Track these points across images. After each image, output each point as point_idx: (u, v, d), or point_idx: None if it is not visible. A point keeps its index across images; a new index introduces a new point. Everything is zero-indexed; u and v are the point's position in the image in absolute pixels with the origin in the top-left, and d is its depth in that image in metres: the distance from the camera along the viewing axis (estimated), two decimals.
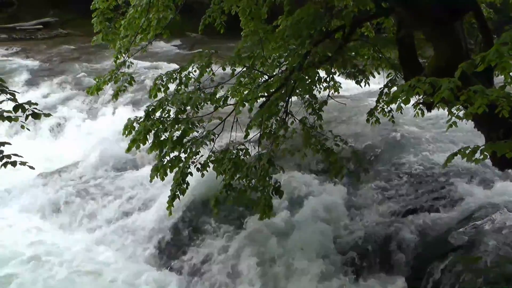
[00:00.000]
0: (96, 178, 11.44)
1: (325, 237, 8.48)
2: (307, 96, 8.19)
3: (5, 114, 5.16)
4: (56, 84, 18.22)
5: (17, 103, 5.11)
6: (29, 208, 11.17)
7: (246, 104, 7.19)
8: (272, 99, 7.48)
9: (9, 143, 5.32)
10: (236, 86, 8.08)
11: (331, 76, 8.76)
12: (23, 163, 5.32)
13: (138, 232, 9.56)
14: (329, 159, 8.02)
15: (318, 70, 8.34)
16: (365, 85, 9.07)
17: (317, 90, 8.45)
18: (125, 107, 15.60)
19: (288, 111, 7.66)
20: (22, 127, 5.37)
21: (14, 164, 5.34)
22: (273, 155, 7.46)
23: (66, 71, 19.25)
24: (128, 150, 7.81)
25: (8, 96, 5.09)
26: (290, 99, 7.69)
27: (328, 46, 8.03)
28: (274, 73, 7.86)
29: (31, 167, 5.32)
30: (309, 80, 7.90)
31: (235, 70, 7.98)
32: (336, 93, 9.14)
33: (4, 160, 5.34)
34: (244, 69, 7.91)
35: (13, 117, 5.18)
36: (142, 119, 7.72)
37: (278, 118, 7.61)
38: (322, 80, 8.50)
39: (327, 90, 8.84)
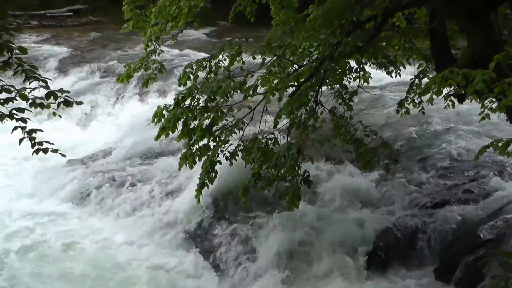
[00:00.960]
0: (125, 166, 11.50)
1: (353, 228, 8.46)
2: (337, 86, 8.13)
3: (38, 101, 5.19)
4: (86, 71, 18.34)
5: (49, 90, 5.12)
6: (59, 195, 11.28)
7: (276, 93, 7.18)
8: (302, 89, 7.44)
9: (41, 130, 5.34)
10: (266, 75, 8.05)
11: (361, 66, 8.68)
12: (54, 151, 5.34)
13: (166, 219, 9.62)
14: (358, 150, 7.96)
15: (349, 60, 8.28)
16: (396, 76, 8.99)
17: (347, 80, 8.39)
18: (154, 95, 15.66)
19: (318, 101, 7.62)
20: (54, 114, 5.38)
21: (45, 151, 5.36)
22: (302, 145, 7.42)
23: (96, 59, 19.37)
24: (157, 138, 7.84)
25: (41, 83, 5.11)
26: (320, 89, 7.65)
27: (359, 36, 7.95)
28: (304, 63, 7.81)
29: (63, 155, 5.34)
30: (340, 70, 7.86)
31: (265, 59, 7.95)
32: (366, 83, 9.08)
33: (36, 147, 5.37)
34: (274, 58, 7.89)
35: (45, 104, 5.20)
36: (171, 107, 7.73)
37: (308, 108, 7.57)
38: (353, 70, 8.42)
39: (357, 80, 8.77)
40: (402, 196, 8.90)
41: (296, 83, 7.61)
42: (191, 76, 8.20)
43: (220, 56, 8.12)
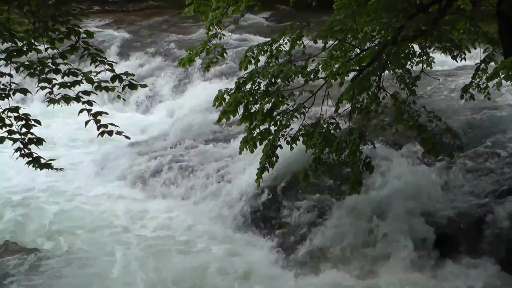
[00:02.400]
0: (185, 149, 11.60)
1: (414, 215, 8.30)
2: (400, 70, 8.00)
3: (103, 84, 5.27)
4: (147, 56, 18.57)
5: (114, 74, 5.20)
6: (119, 177, 11.49)
7: (337, 77, 7.12)
8: (364, 73, 7.36)
9: (106, 113, 5.44)
10: (327, 59, 8.01)
11: (425, 50, 8.52)
12: (119, 133, 5.44)
13: (226, 202, 9.65)
14: (421, 136, 7.82)
15: (412, 45, 8.15)
16: (461, 60, 8.79)
17: (410, 64, 8.25)
18: (214, 79, 15.73)
19: (381, 85, 7.52)
20: (119, 97, 5.52)
21: (110, 133, 5.47)
22: (364, 130, 7.35)
23: (156, 43, 19.56)
24: (218, 121, 7.88)
25: (107, 66, 5.19)
26: (382, 74, 7.55)
27: (423, 19, 7.80)
28: (366, 47, 7.72)
29: (127, 137, 5.44)
30: (403, 55, 7.74)
31: (327, 43, 7.89)
32: (429, 68, 8.91)
33: (101, 129, 5.48)
34: (336, 42, 7.82)
35: (110, 87, 5.29)
36: (232, 91, 7.76)
37: (370, 93, 7.48)
38: (417, 55, 8.28)
39: (420, 64, 8.61)
40: (467, 183, 8.69)
41: (358, 68, 7.54)
42: (252, 60, 8.21)
43: (281, 40, 8.09)
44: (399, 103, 7.75)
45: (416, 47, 8.36)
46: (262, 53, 8.20)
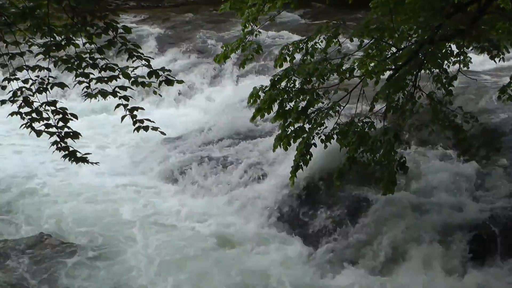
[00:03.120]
0: (218, 146, 11.63)
1: (448, 216, 8.20)
2: (437, 70, 7.92)
3: (140, 79, 5.31)
4: (182, 52, 18.64)
5: (151, 69, 5.23)
6: (153, 172, 11.56)
7: (373, 76, 7.08)
8: (400, 72, 7.32)
9: (142, 108, 5.47)
10: (363, 58, 7.96)
11: (462, 50, 8.42)
12: (154, 129, 5.48)
13: (259, 200, 9.63)
14: (457, 136, 7.76)
15: (449, 44, 8.05)
16: (499, 61, 8.66)
17: (447, 64, 8.16)
18: (249, 76, 15.73)
19: (417, 85, 7.45)
20: (155, 92, 5.51)
21: (146, 128, 5.51)
22: (399, 130, 7.29)
23: (192, 39, 19.60)
24: (253, 119, 7.89)
25: (143, 62, 5.22)
26: (419, 73, 7.48)
27: (461, 19, 7.72)
28: (403, 46, 7.66)
29: (162, 133, 5.47)
30: (440, 54, 7.66)
31: (363, 41, 7.84)
32: (466, 68, 8.81)
33: (137, 125, 5.52)
34: (372, 40, 7.77)
35: (146, 83, 5.32)
36: (267, 88, 7.76)
37: (406, 92, 7.43)
38: (455, 54, 8.18)
39: (457, 64, 8.51)
40: (503, 185, 8.56)
41: (394, 67, 7.50)
42: (288, 58, 8.21)
43: (317, 38, 8.06)
44: (435, 103, 7.69)
45: (453, 47, 8.26)
46: (298, 50, 8.18)
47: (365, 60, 7.95)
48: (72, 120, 5.67)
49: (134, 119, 5.52)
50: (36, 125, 5.79)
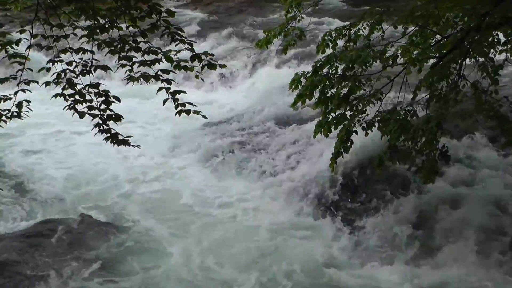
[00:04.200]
0: (259, 131, 11.65)
1: (489, 211, 8.00)
2: (482, 59, 7.77)
3: (182, 63, 5.31)
4: (223, 36, 18.68)
5: (194, 53, 5.23)
6: (192, 156, 11.63)
7: (417, 64, 6.99)
8: (445, 60, 7.20)
9: (184, 92, 5.49)
10: (407, 45, 7.88)
11: (509, 38, 8.25)
12: (196, 112, 5.48)
13: (298, 186, 9.61)
14: (502, 127, 7.59)
15: (496, 32, 7.89)
16: None
17: (493, 53, 8.00)
18: (290, 62, 15.67)
19: (461, 73, 7.32)
20: (197, 77, 5.51)
21: (188, 112, 5.52)
22: (442, 119, 7.18)
23: (233, 24, 19.62)
24: (294, 104, 7.88)
25: (186, 45, 5.22)
26: (463, 62, 7.35)
27: (509, 7, 7.54)
28: (448, 34, 7.54)
29: (204, 117, 5.47)
30: (486, 43, 7.51)
31: (407, 28, 7.74)
32: None
33: (179, 108, 5.53)
34: (417, 28, 7.67)
35: (189, 67, 5.32)
36: (309, 75, 7.72)
37: (450, 81, 7.30)
38: (502, 43, 8.01)
39: (504, 53, 8.34)
40: None
41: (438, 55, 7.38)
42: (330, 44, 8.17)
43: (360, 25, 8.00)
44: (479, 92, 7.54)
45: (500, 35, 8.09)
46: (340, 37, 8.14)
47: (409, 48, 7.86)
48: (114, 102, 5.71)
49: (176, 103, 5.53)
50: (79, 107, 5.85)
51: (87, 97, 5.77)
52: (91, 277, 7.66)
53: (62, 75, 5.72)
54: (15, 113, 5.84)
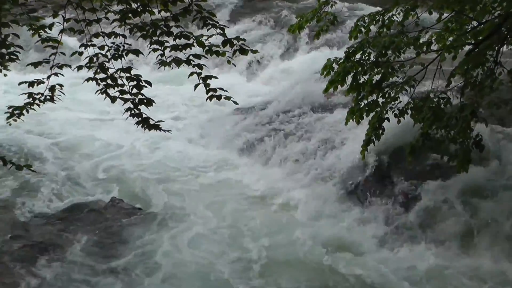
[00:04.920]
0: (290, 117, 11.58)
1: None
2: None
3: (214, 48, 5.29)
4: (255, 22, 18.58)
5: (226, 38, 5.20)
6: (224, 142, 11.64)
7: (452, 51, 6.87)
8: (481, 47, 7.05)
9: (216, 77, 5.46)
10: (441, 31, 7.75)
11: None
12: (227, 98, 5.45)
13: (328, 173, 9.56)
14: None
15: None
16: None
17: None
18: (322, 47, 15.57)
19: (498, 61, 7.18)
20: (228, 62, 5.47)
21: (219, 98, 5.49)
22: (477, 107, 7.05)
23: (266, 9, 19.50)
24: (326, 91, 7.82)
25: (218, 30, 5.19)
26: (501, 48, 7.20)
27: None
28: (485, 20, 7.39)
29: (235, 102, 5.44)
30: None
31: (442, 14, 7.62)
32: None
33: (210, 94, 5.51)
34: (452, 14, 7.54)
35: (221, 52, 5.29)
36: (341, 61, 7.65)
37: (485, 68, 7.17)
38: None
39: None
40: None
41: (473, 41, 7.24)
42: (363, 30, 8.08)
43: (394, 10, 7.90)
44: None
45: None
46: (374, 23, 8.04)
47: (444, 34, 7.74)
48: (146, 87, 5.72)
49: (208, 88, 5.51)
50: (110, 91, 5.87)
51: (119, 82, 5.79)
52: (120, 258, 7.74)
53: (94, 59, 5.75)
54: (48, 97, 5.89)
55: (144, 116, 5.90)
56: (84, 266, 7.57)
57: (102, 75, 5.80)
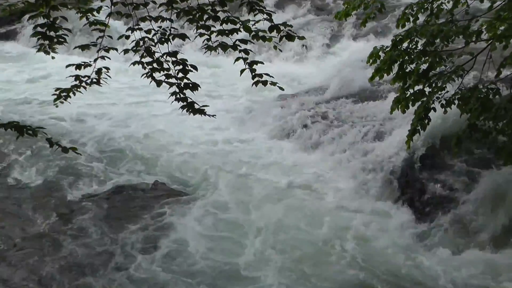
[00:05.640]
0: (334, 104, 11.57)
1: None
2: None
3: (261, 33, 5.26)
4: (302, 8, 18.50)
5: (273, 24, 5.16)
6: (269, 127, 11.63)
7: (503, 40, 6.72)
8: None
9: (262, 62, 5.43)
10: (492, 20, 7.57)
11: None
12: (273, 83, 5.42)
13: (371, 161, 9.53)
14: None
15: None
16: None
17: None
18: (368, 36, 15.44)
19: None
20: (275, 48, 5.43)
21: (264, 83, 5.47)
22: None
23: None
24: (372, 79, 7.71)
25: (265, 16, 5.16)
26: None
27: None
28: None
29: (281, 88, 5.41)
30: None
31: (494, 2, 7.45)
32: None
33: (256, 79, 5.49)
34: (505, 2, 7.36)
35: (267, 37, 5.26)
36: (388, 49, 7.54)
37: None
38: None
39: None
40: None
41: None
42: (411, 18, 7.94)
43: None
44: None
45: None
46: (422, 11, 7.90)
47: (495, 23, 7.55)
48: (192, 71, 5.72)
49: (253, 73, 5.49)
50: (156, 75, 5.89)
51: (165, 66, 5.80)
52: (158, 240, 7.87)
53: (141, 43, 5.76)
54: (94, 80, 5.93)
55: (189, 100, 5.90)
56: (125, 247, 7.68)
57: (148, 59, 5.82)
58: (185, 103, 5.89)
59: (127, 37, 5.77)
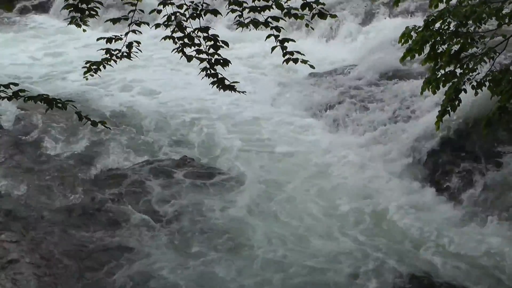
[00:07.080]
0: (365, 84, 11.51)
1: None
2: None
3: (293, 11, 5.27)
4: None
5: (305, 1, 5.17)
6: (299, 106, 11.64)
7: None
8: None
9: (293, 40, 5.46)
10: None
11: None
12: (304, 61, 5.45)
13: (402, 142, 9.49)
14: None
15: None
16: None
17: None
18: (400, 15, 15.28)
19: None
20: (307, 25, 5.45)
21: (295, 61, 5.50)
22: None
23: None
24: (403, 59, 7.66)
25: None
26: None
27: None
28: None
29: (312, 66, 5.44)
30: None
31: None
32: None
33: (287, 57, 5.52)
34: None
35: (299, 15, 5.27)
36: (420, 29, 7.49)
37: None
38: None
39: None
40: None
41: None
42: None
43: None
44: None
45: None
46: None
47: None
48: (223, 47, 5.74)
49: (284, 51, 5.51)
50: (187, 50, 5.91)
51: (196, 41, 5.83)
52: (183, 217, 7.95)
53: (172, 17, 5.79)
54: (125, 54, 5.98)
55: (220, 76, 5.93)
56: (150, 225, 7.75)
57: (179, 34, 5.85)
58: (215, 79, 5.93)
59: (159, 11, 5.81)
